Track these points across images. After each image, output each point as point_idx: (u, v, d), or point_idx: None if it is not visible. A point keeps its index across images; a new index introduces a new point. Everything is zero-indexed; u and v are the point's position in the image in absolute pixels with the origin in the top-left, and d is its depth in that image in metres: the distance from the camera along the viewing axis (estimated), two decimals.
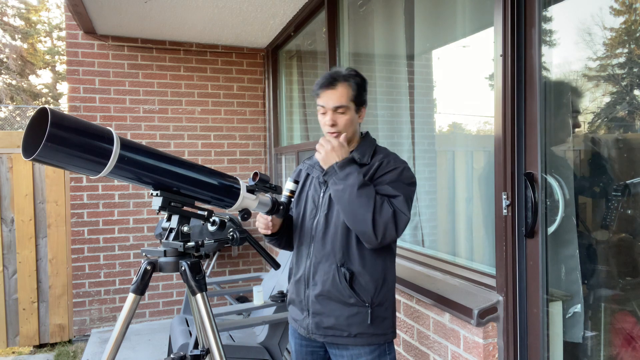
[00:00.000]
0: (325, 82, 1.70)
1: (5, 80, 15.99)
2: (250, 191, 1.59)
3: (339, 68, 1.78)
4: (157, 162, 1.37)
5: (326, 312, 1.69)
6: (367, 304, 1.66)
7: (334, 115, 1.69)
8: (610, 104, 1.75)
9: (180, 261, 1.46)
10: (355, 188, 1.57)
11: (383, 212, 1.58)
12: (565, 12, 1.79)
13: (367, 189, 1.58)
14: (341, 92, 1.68)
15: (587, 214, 1.85)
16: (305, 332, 1.75)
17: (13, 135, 4.40)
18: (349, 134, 1.72)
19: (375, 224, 1.57)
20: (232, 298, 3.96)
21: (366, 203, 1.56)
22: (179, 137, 4.63)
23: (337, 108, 1.68)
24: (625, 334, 1.69)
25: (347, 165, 1.61)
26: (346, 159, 1.62)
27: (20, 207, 4.27)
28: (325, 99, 1.70)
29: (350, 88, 1.70)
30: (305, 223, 1.78)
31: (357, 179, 1.58)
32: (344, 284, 1.66)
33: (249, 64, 4.87)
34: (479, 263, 2.16)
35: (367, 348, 1.68)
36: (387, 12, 3.02)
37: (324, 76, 1.73)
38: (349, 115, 1.70)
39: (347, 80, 1.70)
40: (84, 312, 4.35)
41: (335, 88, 1.68)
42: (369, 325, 1.66)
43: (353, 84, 1.71)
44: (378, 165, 1.70)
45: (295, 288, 1.81)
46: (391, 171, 1.68)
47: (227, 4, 3.63)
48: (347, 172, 1.59)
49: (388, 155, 1.75)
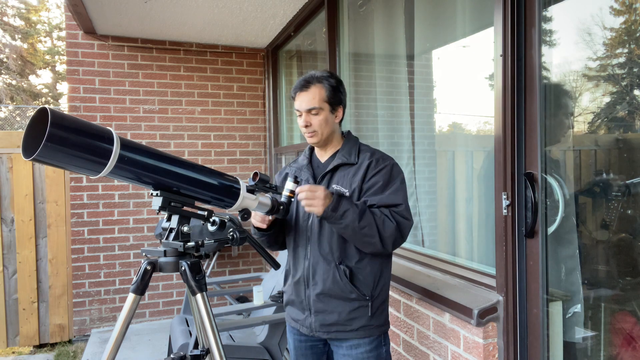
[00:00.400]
0: (298, 85, 1.75)
1: (5, 80, 15.99)
2: (250, 191, 1.59)
3: (315, 71, 1.80)
4: (157, 162, 1.37)
5: (328, 309, 1.73)
6: (368, 297, 1.72)
7: (307, 116, 1.73)
8: (610, 104, 1.75)
9: (180, 261, 1.46)
10: (356, 222, 1.60)
11: (387, 230, 1.63)
12: (565, 12, 1.79)
13: (366, 217, 1.61)
14: (314, 93, 1.72)
15: (587, 214, 1.85)
16: (309, 331, 1.79)
17: (13, 135, 4.40)
18: (324, 133, 1.75)
19: (383, 243, 1.64)
20: (232, 298, 3.96)
21: (369, 231, 1.61)
22: (179, 137, 4.63)
23: (310, 110, 1.72)
24: (625, 334, 1.69)
25: (339, 204, 1.59)
26: (334, 201, 1.60)
27: (20, 207, 4.27)
28: (299, 101, 1.74)
29: (324, 89, 1.73)
30: (299, 225, 1.80)
31: (354, 214, 1.59)
32: (344, 281, 1.70)
33: (249, 64, 4.87)
34: (479, 263, 2.17)
35: (367, 339, 1.74)
36: (387, 12, 3.02)
37: (298, 80, 1.77)
38: (323, 115, 1.73)
39: (320, 81, 1.74)
40: (84, 312, 4.35)
41: (308, 90, 1.73)
42: (370, 318, 1.73)
43: (327, 85, 1.74)
44: (367, 165, 1.72)
45: (295, 289, 1.83)
46: (382, 170, 1.71)
47: (227, 4, 3.63)
48: (342, 211, 1.59)
49: (374, 153, 1.77)
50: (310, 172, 1.83)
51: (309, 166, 1.85)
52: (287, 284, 1.89)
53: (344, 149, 1.79)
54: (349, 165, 1.75)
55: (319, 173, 1.81)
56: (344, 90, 1.81)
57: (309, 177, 1.81)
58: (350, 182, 1.73)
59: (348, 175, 1.74)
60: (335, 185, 1.74)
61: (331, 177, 1.77)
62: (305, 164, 1.86)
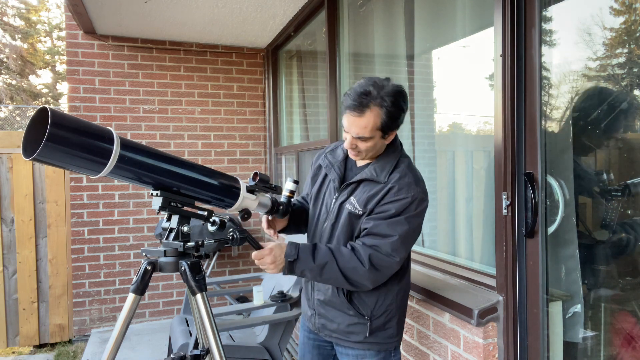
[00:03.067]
0: (351, 105, 1.48)
1: (5, 80, 15.99)
2: (250, 191, 1.60)
3: (372, 83, 1.50)
4: (157, 162, 1.37)
5: (329, 316, 1.72)
6: (367, 317, 1.65)
7: (355, 140, 1.54)
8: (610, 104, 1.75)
9: (180, 261, 1.46)
10: (318, 277, 1.56)
11: (358, 274, 1.52)
12: (565, 12, 1.79)
13: (327, 270, 1.52)
14: (367, 121, 1.47)
15: (587, 214, 1.85)
16: (314, 328, 1.79)
17: (13, 135, 4.39)
18: (370, 155, 1.62)
19: (355, 285, 1.56)
20: (232, 298, 3.96)
21: (335, 282, 1.57)
22: (179, 137, 4.63)
23: (360, 138, 1.52)
24: (625, 334, 1.69)
25: (292, 268, 1.53)
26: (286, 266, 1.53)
27: (20, 207, 4.27)
28: (348, 123, 1.51)
29: (379, 118, 1.48)
30: (318, 226, 1.76)
31: (312, 272, 1.53)
32: (342, 297, 1.66)
33: (249, 64, 4.87)
34: (479, 263, 2.17)
35: (372, 351, 1.70)
36: (387, 12, 3.02)
37: (354, 92, 1.49)
38: (372, 142, 1.54)
39: (378, 105, 1.47)
40: (84, 312, 4.35)
41: (362, 116, 1.47)
42: (368, 336, 1.67)
43: (384, 111, 1.48)
44: (389, 189, 1.56)
45: (305, 286, 1.84)
46: (400, 201, 1.53)
47: (227, 4, 3.63)
48: (299, 271, 1.54)
49: (404, 177, 1.57)
50: (340, 172, 1.71)
51: (342, 165, 1.72)
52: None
53: (379, 162, 1.62)
54: (375, 182, 1.59)
55: (348, 176, 1.70)
56: (404, 110, 1.55)
57: (336, 179, 1.70)
58: (367, 201, 1.59)
59: (368, 193, 1.59)
60: (353, 199, 1.62)
61: (355, 188, 1.65)
62: (340, 159, 1.73)
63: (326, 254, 1.54)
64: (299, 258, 1.52)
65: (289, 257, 1.52)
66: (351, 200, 1.63)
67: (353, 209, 1.62)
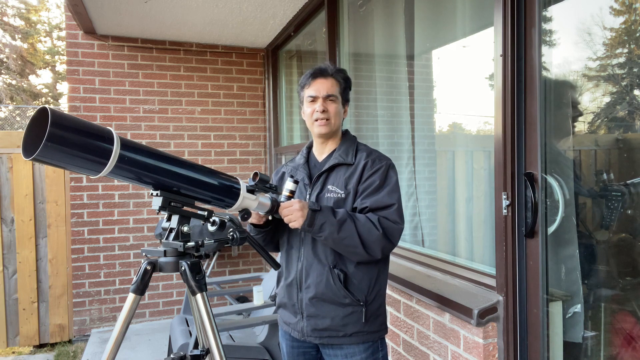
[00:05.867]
0: (318, 71, 1.77)
1: (5, 80, 15.99)
2: (250, 191, 1.59)
3: (327, 64, 1.83)
4: (157, 162, 1.37)
5: (321, 314, 1.69)
6: (362, 303, 1.67)
7: (325, 102, 1.74)
8: (610, 104, 1.75)
9: (180, 261, 1.46)
10: (335, 234, 1.58)
11: (372, 238, 1.60)
12: (565, 12, 1.79)
13: (345, 227, 1.58)
14: (332, 82, 1.76)
15: (587, 214, 1.85)
16: (300, 335, 1.74)
17: (13, 135, 4.40)
18: (336, 124, 1.76)
19: (369, 251, 1.61)
20: (232, 298, 3.96)
21: (351, 241, 1.59)
22: (179, 137, 4.63)
23: (329, 96, 1.74)
24: (625, 334, 1.69)
25: (314, 219, 1.57)
26: (308, 216, 1.57)
27: (20, 207, 4.27)
28: (317, 86, 1.75)
29: (338, 83, 1.78)
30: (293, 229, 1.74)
31: (331, 226, 1.57)
32: (338, 285, 1.66)
33: (249, 64, 4.87)
34: (479, 263, 2.17)
35: (362, 346, 1.70)
36: (387, 12, 3.02)
37: (313, 68, 1.79)
38: (337, 106, 1.76)
39: (336, 74, 1.78)
40: (84, 312, 4.35)
41: (327, 78, 1.76)
42: (364, 324, 1.68)
43: (341, 79, 1.79)
44: (364, 165, 1.71)
45: (287, 292, 1.79)
46: (378, 170, 1.69)
47: (227, 4, 3.63)
48: (319, 225, 1.57)
49: (371, 153, 1.76)
50: (306, 171, 1.81)
51: (306, 165, 1.83)
52: (279, 286, 1.85)
53: (341, 149, 1.77)
54: (345, 166, 1.72)
55: (315, 172, 1.78)
56: (350, 86, 1.86)
57: (305, 177, 1.78)
58: (346, 182, 1.70)
59: (344, 176, 1.71)
60: (331, 186, 1.72)
61: (327, 177, 1.75)
62: (302, 162, 1.84)
63: (345, 213, 1.62)
64: (322, 210, 1.60)
65: (313, 207, 1.60)
66: (329, 188, 1.72)
67: (335, 194, 1.70)
